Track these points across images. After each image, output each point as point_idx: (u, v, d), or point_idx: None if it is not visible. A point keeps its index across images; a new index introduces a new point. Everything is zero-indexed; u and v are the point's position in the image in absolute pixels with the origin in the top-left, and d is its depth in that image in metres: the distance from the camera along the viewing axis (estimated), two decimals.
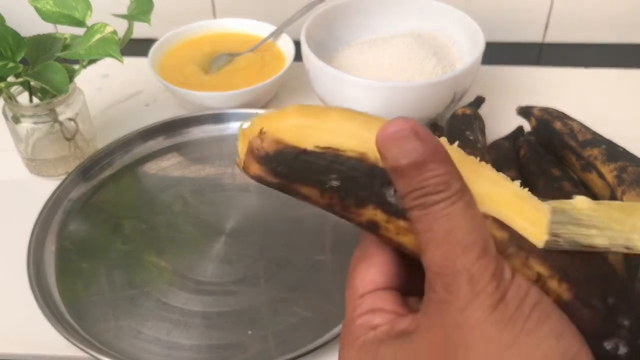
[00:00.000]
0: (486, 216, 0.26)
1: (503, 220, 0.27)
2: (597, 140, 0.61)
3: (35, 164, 0.68)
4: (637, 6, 0.85)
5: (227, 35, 0.81)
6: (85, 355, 0.50)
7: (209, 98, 0.72)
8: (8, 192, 0.67)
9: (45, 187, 0.64)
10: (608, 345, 0.26)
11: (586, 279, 0.27)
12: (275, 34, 0.79)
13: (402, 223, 0.27)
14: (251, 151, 0.28)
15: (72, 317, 0.54)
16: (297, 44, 0.72)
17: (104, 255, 0.59)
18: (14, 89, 0.63)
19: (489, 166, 0.29)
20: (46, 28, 0.68)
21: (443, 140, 0.28)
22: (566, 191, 0.58)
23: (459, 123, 0.65)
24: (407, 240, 0.27)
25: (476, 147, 0.61)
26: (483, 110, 0.69)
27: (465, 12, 0.73)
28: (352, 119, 0.28)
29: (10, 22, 0.60)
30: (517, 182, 0.29)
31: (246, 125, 0.30)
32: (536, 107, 0.67)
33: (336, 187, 0.27)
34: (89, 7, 0.63)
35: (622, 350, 0.26)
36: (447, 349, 0.24)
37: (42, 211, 0.61)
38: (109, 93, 0.80)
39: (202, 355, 0.52)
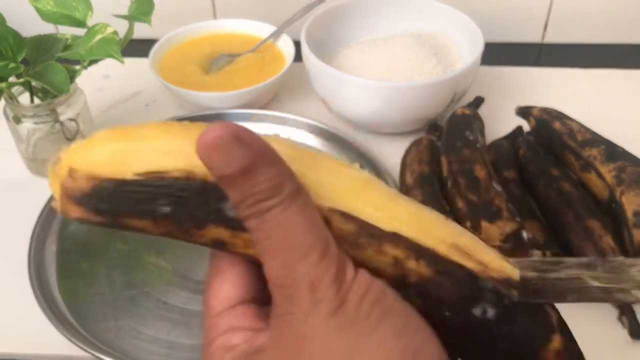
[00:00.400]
0: (331, 210, 0.25)
1: (348, 211, 0.25)
2: (596, 140, 0.62)
3: (36, 164, 0.68)
4: (636, 6, 0.85)
5: (228, 35, 0.81)
6: (86, 354, 0.51)
7: (209, 98, 0.72)
8: (9, 192, 0.68)
9: (46, 187, 0.63)
10: (476, 310, 0.26)
11: None
12: (276, 35, 0.79)
13: (247, 235, 0.25)
14: (65, 193, 0.26)
15: (73, 316, 0.54)
16: (297, 45, 0.72)
17: (105, 256, 0.59)
18: (15, 89, 0.63)
19: (327, 155, 0.27)
20: (47, 28, 0.69)
21: (273, 137, 0.26)
22: (565, 191, 0.58)
23: (459, 123, 0.65)
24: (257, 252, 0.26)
25: (475, 147, 0.61)
26: (482, 111, 0.69)
27: (464, 12, 0.73)
28: (170, 133, 0.25)
29: (11, 23, 0.60)
30: (356, 165, 0.27)
31: (54, 162, 0.26)
32: (535, 107, 0.67)
33: (169, 213, 0.25)
34: (89, 7, 0.64)
35: (490, 312, 0.26)
36: None
37: (42, 211, 0.61)
38: (110, 93, 0.80)
39: None
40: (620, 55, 0.87)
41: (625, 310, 0.53)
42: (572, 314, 0.53)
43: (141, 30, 0.69)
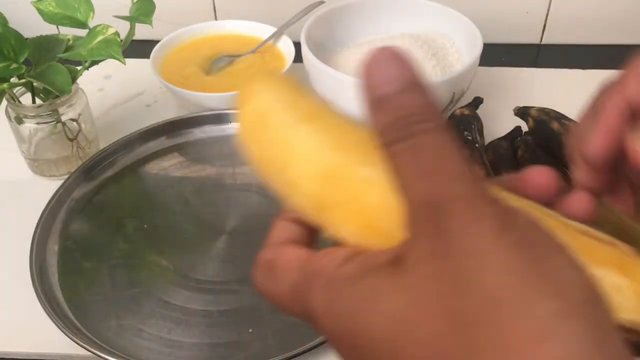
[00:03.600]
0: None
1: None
2: None
3: (38, 164, 0.68)
4: (634, 8, 0.86)
5: (228, 36, 0.82)
6: (88, 353, 0.51)
7: (209, 99, 0.72)
8: (11, 192, 0.68)
9: (47, 187, 0.65)
10: None
11: None
12: (276, 36, 0.79)
13: None
14: None
15: (75, 315, 0.54)
16: (297, 45, 0.72)
17: (106, 255, 0.60)
18: (17, 90, 0.64)
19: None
20: (49, 29, 0.69)
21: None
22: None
23: (458, 123, 0.65)
24: None
25: (474, 147, 0.62)
26: (481, 111, 0.69)
27: (463, 13, 0.73)
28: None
29: (13, 24, 0.61)
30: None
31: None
32: (534, 107, 0.67)
33: None
34: (91, 8, 0.64)
35: None
36: (455, 279, 0.20)
37: (44, 211, 0.61)
38: (111, 94, 0.80)
39: (203, 353, 0.52)
40: (618, 56, 0.87)
41: None
42: None
43: (142, 31, 0.69)
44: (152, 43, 0.77)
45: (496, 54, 0.84)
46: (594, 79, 0.80)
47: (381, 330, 0.21)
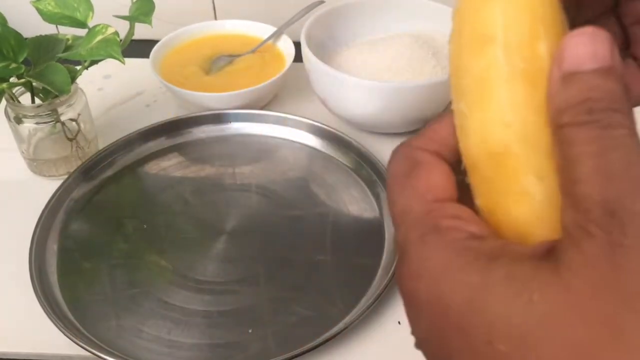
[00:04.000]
0: None
1: None
2: None
3: (37, 164, 0.68)
4: None
5: (228, 36, 0.82)
6: (87, 354, 0.51)
7: (209, 99, 0.72)
8: (10, 192, 0.68)
9: (47, 187, 0.64)
10: None
11: None
12: (276, 35, 0.79)
13: None
14: None
15: (74, 316, 0.54)
16: (297, 45, 0.72)
17: (106, 255, 0.60)
18: (16, 90, 0.64)
19: None
20: (48, 29, 0.69)
21: None
22: None
23: None
24: None
25: None
26: None
27: None
28: None
29: (13, 23, 0.61)
30: None
31: None
32: None
33: None
34: (90, 8, 0.64)
35: None
36: (625, 295, 0.18)
37: (43, 211, 0.61)
38: (111, 94, 0.80)
39: (203, 354, 0.52)
40: None
41: None
42: None
43: (142, 31, 0.69)
44: (152, 43, 0.77)
45: None
46: None
47: (518, 327, 0.19)
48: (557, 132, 0.21)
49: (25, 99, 0.65)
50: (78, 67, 0.63)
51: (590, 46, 0.21)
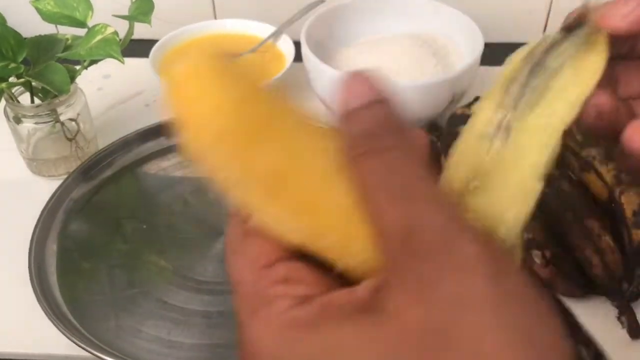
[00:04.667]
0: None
1: None
2: (595, 140, 0.62)
3: (37, 164, 0.68)
4: None
5: (228, 36, 0.82)
6: (86, 354, 0.51)
7: None
8: (9, 192, 0.68)
9: (46, 187, 0.64)
10: None
11: None
12: (276, 35, 0.79)
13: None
14: None
15: (73, 316, 0.54)
16: (297, 45, 0.72)
17: (105, 255, 0.60)
18: (16, 90, 0.63)
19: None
20: (47, 29, 0.69)
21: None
22: (564, 191, 0.58)
23: (459, 123, 0.65)
24: None
25: None
26: None
27: (464, 12, 0.73)
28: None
29: (12, 23, 0.60)
30: None
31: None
32: None
33: None
34: (90, 7, 0.64)
35: None
36: (440, 333, 0.18)
37: (43, 211, 0.61)
38: (110, 93, 0.80)
39: (203, 354, 0.52)
40: None
41: (624, 309, 0.53)
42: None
43: (141, 31, 0.69)
44: (151, 42, 0.77)
45: (497, 54, 0.83)
46: None
47: None
48: (350, 169, 0.21)
49: (25, 98, 0.64)
50: (77, 67, 0.63)
51: (360, 86, 0.22)
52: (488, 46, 0.68)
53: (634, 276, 0.54)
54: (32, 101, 0.64)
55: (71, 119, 0.65)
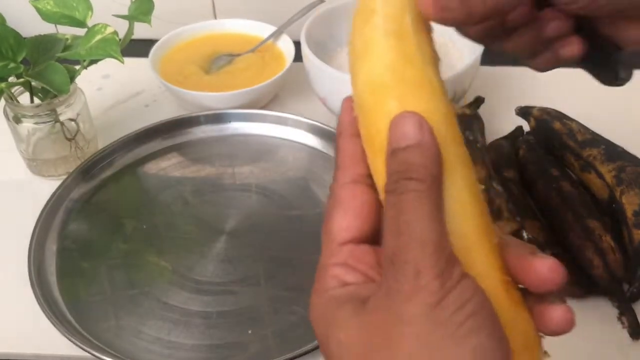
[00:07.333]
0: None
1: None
2: (596, 140, 0.62)
3: (36, 164, 0.68)
4: None
5: (228, 35, 0.81)
6: (86, 354, 0.51)
7: (209, 98, 0.72)
8: (9, 192, 0.68)
9: (46, 187, 0.64)
10: None
11: None
12: (276, 35, 0.79)
13: None
14: None
15: (73, 316, 0.54)
16: (297, 45, 0.72)
17: (105, 255, 0.60)
18: (15, 90, 0.63)
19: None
20: (47, 29, 0.69)
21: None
22: (565, 191, 0.58)
23: (459, 123, 0.65)
24: None
25: (475, 147, 0.62)
26: (482, 111, 0.69)
27: None
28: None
29: (11, 23, 0.60)
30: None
31: None
32: (535, 107, 0.67)
33: None
34: (89, 7, 0.64)
35: None
36: (385, 335, 0.25)
37: (43, 211, 0.61)
38: (110, 93, 0.80)
39: (203, 354, 0.52)
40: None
41: (624, 310, 0.53)
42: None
43: (141, 30, 0.68)
44: (151, 42, 0.77)
45: (498, 54, 0.83)
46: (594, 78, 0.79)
47: (336, 345, 0.26)
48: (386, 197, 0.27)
49: (24, 98, 0.64)
50: (77, 67, 0.63)
51: (402, 127, 0.26)
52: None
53: (635, 276, 0.54)
54: (32, 101, 0.64)
55: (71, 119, 0.65)
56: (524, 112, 0.68)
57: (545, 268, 0.27)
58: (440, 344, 0.24)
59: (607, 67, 0.37)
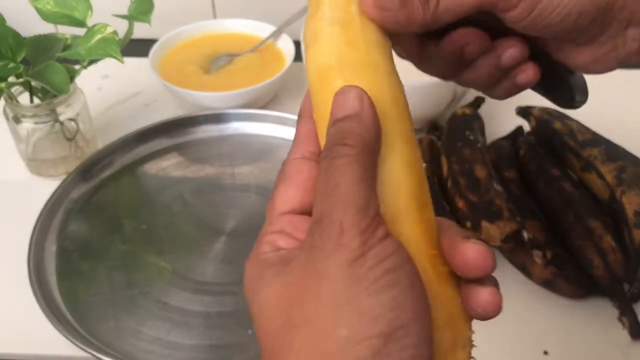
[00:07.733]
0: None
1: None
2: (596, 140, 0.62)
3: (36, 164, 0.68)
4: None
5: (227, 35, 0.81)
6: (86, 354, 0.51)
7: (208, 98, 0.72)
8: (9, 192, 0.68)
9: (45, 187, 0.64)
10: None
11: None
12: (275, 34, 0.79)
13: None
14: None
15: (73, 316, 0.54)
16: (297, 44, 0.72)
17: (104, 255, 0.59)
18: (15, 89, 0.63)
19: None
20: (47, 28, 0.68)
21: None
22: (566, 191, 0.58)
23: (459, 123, 0.65)
24: None
25: (476, 147, 0.61)
26: (483, 111, 0.69)
27: None
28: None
29: (11, 23, 0.60)
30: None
31: None
32: (536, 107, 0.67)
33: None
34: (89, 7, 0.64)
35: None
36: (303, 290, 0.25)
37: (42, 211, 0.61)
38: (110, 93, 0.80)
39: (202, 355, 0.52)
40: None
41: (625, 310, 0.53)
42: (572, 313, 0.53)
43: (141, 30, 0.68)
44: (151, 42, 0.77)
45: None
46: (596, 77, 0.79)
47: (257, 305, 0.28)
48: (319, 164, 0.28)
49: (24, 98, 0.64)
50: (77, 67, 0.63)
51: (342, 99, 0.27)
52: None
53: (635, 277, 0.54)
54: (32, 101, 0.64)
55: (70, 119, 0.65)
56: (524, 112, 0.68)
57: (473, 252, 0.27)
58: (357, 297, 0.24)
59: (563, 90, 0.39)
